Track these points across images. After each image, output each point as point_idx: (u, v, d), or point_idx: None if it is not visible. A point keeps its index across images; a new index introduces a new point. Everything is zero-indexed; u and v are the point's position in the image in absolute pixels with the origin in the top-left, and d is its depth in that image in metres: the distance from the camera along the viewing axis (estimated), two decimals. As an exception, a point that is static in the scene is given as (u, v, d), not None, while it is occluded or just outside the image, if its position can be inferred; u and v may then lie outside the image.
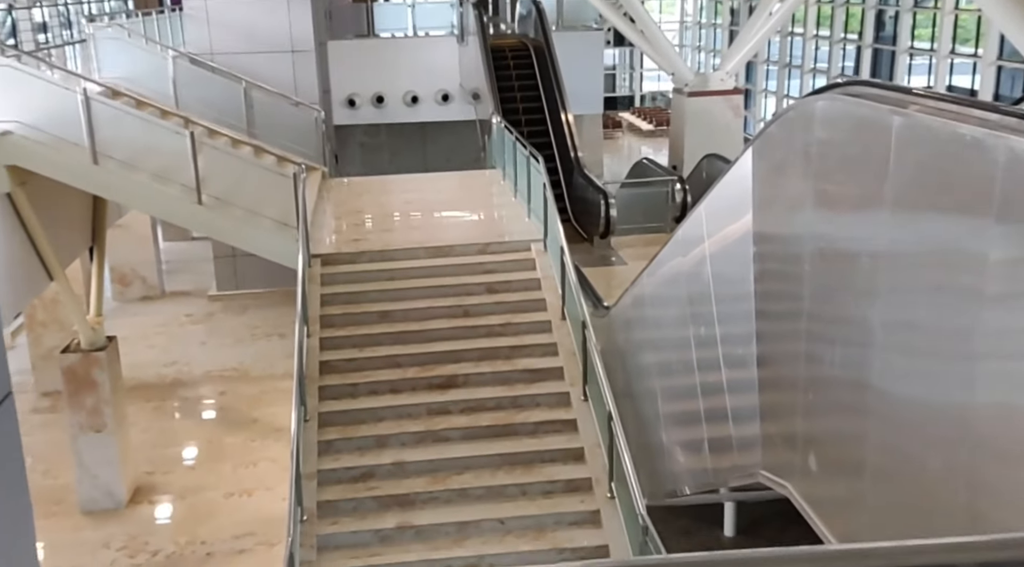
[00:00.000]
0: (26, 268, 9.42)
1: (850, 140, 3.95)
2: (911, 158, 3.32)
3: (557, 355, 8.61)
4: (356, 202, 12.42)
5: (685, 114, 17.65)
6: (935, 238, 3.22)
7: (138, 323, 17.90)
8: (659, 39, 16.98)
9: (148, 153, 9.14)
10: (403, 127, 23.02)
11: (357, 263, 9.75)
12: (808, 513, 4.33)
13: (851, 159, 3.91)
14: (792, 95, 30.53)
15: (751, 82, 34.76)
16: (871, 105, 3.63)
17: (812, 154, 4.32)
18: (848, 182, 3.99)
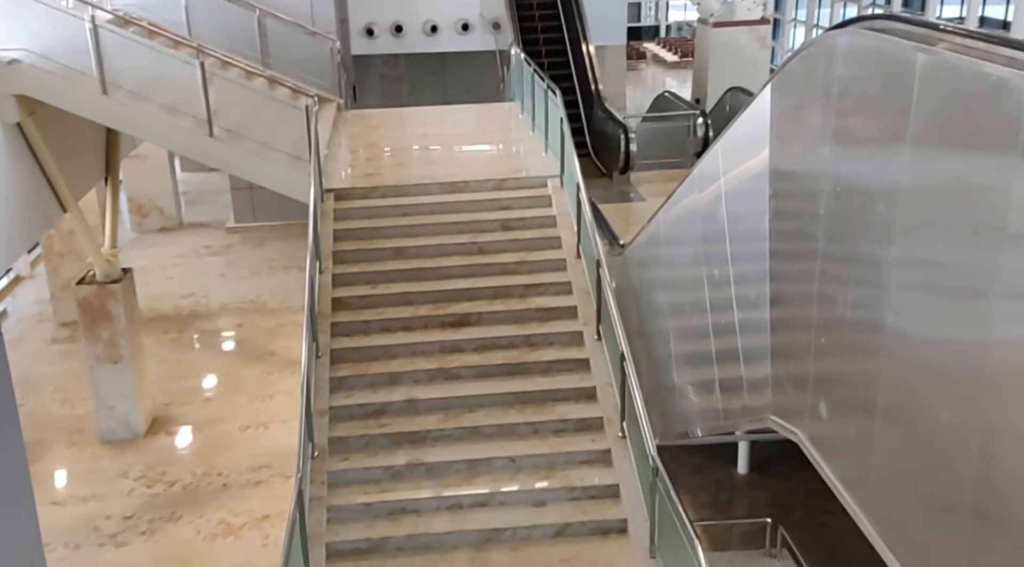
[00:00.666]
0: (39, 200, 9.36)
1: (872, 77, 3.76)
2: (935, 97, 3.14)
3: (571, 294, 8.51)
4: (371, 135, 12.22)
5: (710, 45, 17.14)
6: (956, 177, 3.06)
7: (156, 254, 17.94)
8: (685, -33, 16.38)
9: (159, 84, 8.97)
10: (423, 58, 22.57)
11: (371, 198, 9.62)
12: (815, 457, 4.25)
13: (873, 96, 3.72)
14: (822, 26, 29.68)
15: (780, 12, 33.79)
16: (895, 41, 3.43)
17: (833, 90, 4.14)
18: (869, 120, 3.81)
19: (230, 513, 9.91)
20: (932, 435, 3.37)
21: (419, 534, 6.75)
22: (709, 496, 10.30)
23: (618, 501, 6.90)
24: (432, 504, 6.97)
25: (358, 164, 10.62)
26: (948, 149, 3.17)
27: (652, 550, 6.42)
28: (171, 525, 9.76)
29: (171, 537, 9.58)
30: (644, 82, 36.01)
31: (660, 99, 16.90)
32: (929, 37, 3.24)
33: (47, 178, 9.37)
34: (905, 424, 3.51)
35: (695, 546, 5.32)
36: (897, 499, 3.50)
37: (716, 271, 5.81)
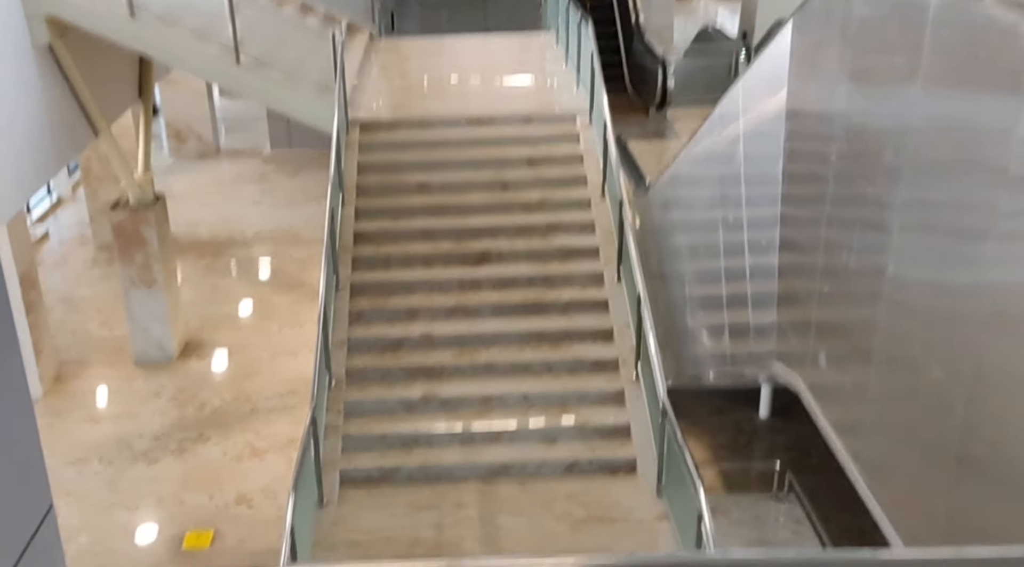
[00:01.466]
0: (70, 123, 9.45)
1: (888, 17, 3.61)
2: (947, 39, 3.02)
3: (594, 234, 8.44)
4: (402, 66, 12.08)
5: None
6: (963, 120, 2.95)
7: (193, 180, 18.12)
8: None
9: (187, 8, 8.92)
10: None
11: (396, 130, 9.57)
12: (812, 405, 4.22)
13: (888, 37, 3.58)
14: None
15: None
16: None
17: (851, 30, 3.99)
18: (883, 61, 3.68)
19: (256, 436, 10.19)
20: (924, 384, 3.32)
21: (430, 465, 6.88)
22: (728, 438, 10.32)
23: (628, 441, 6.94)
24: (444, 437, 7.08)
25: (386, 95, 10.54)
26: (958, 91, 3.06)
27: (659, 489, 6.48)
28: (199, 445, 10.07)
29: (199, 457, 9.90)
30: (695, 13, 34.99)
31: (703, 33, 16.43)
32: None
33: (78, 101, 9.44)
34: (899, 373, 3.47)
35: (697, 487, 5.36)
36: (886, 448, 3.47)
37: (731, 214, 5.72)
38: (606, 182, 8.55)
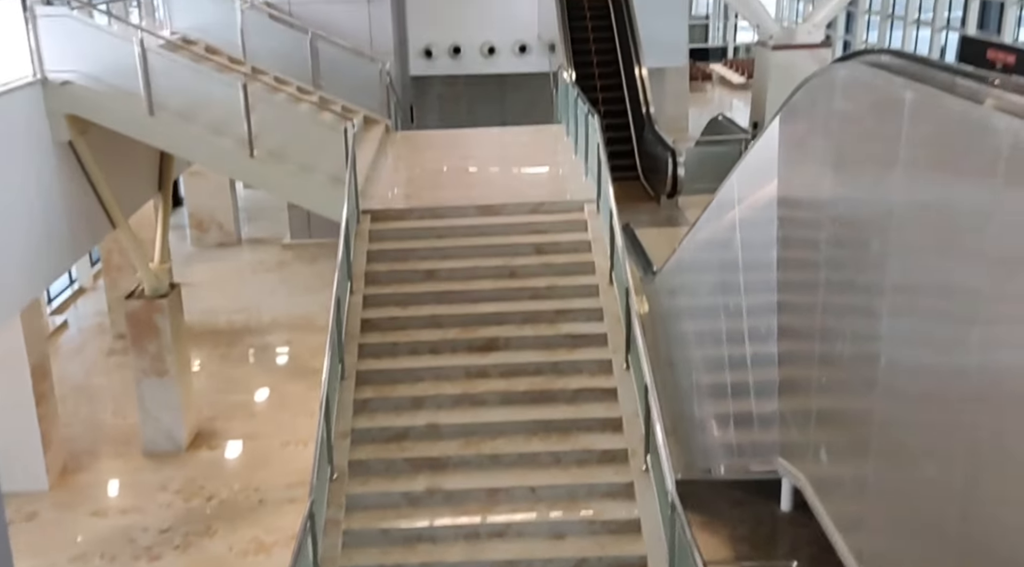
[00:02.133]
0: (87, 215, 9.64)
1: (867, 111, 3.65)
2: (922, 133, 3.03)
3: (602, 321, 8.37)
4: (415, 157, 12.29)
5: (769, 68, 16.82)
6: (944, 213, 2.93)
7: (213, 269, 18.35)
8: (745, -13, 16.19)
9: (204, 105, 9.17)
10: (482, 78, 22.71)
11: (407, 220, 9.65)
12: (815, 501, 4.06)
13: (868, 130, 3.61)
14: (895, 47, 28.99)
15: (851, 33, 33.16)
16: (886, 76, 3.32)
17: (833, 122, 4.03)
18: (865, 153, 3.70)
19: (264, 530, 10.00)
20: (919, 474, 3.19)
21: (434, 563, 6.67)
22: (747, 531, 9.95)
23: (639, 537, 6.71)
24: (449, 532, 6.89)
25: (398, 185, 10.68)
26: (936, 179, 3.05)
27: (669, 589, 6.22)
28: (205, 539, 9.89)
29: (204, 552, 9.70)
30: (709, 103, 35.61)
31: (713, 122, 16.66)
32: (921, 73, 3.13)
33: (97, 194, 9.64)
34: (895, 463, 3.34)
35: (707, 588, 5.13)
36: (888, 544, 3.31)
37: (731, 301, 5.67)
38: (613, 269, 8.53)
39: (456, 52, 20.85)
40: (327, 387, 7.09)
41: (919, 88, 3.05)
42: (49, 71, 8.63)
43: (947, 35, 25.44)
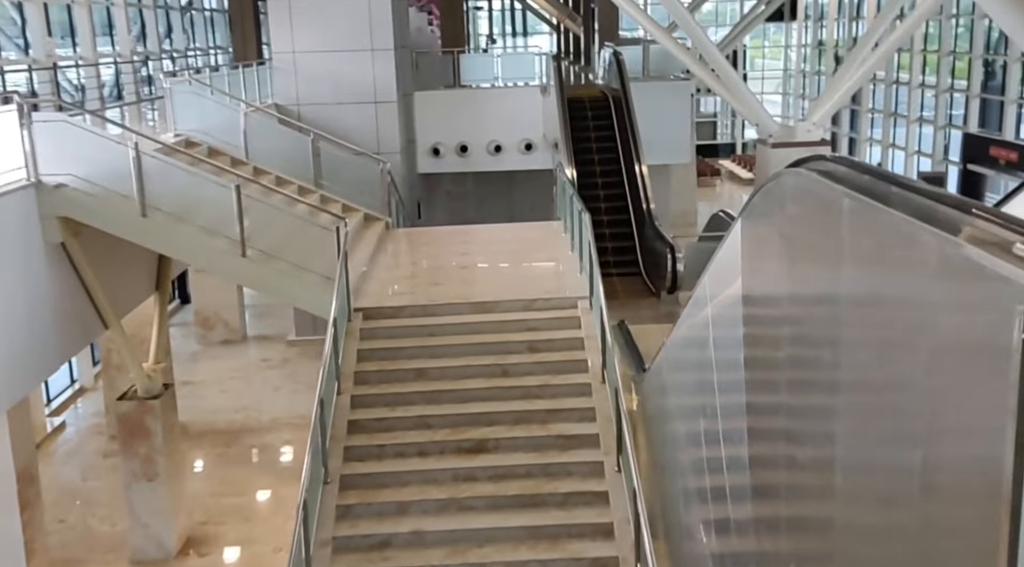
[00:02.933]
0: (79, 315, 9.60)
1: (811, 218, 3.62)
2: (861, 242, 2.98)
3: (594, 421, 8.13)
4: (413, 254, 12.29)
5: (770, 166, 16.90)
6: (887, 301, 2.85)
7: (217, 367, 18.26)
8: (741, 90, 16.38)
9: (198, 206, 9.24)
10: (490, 176, 23.03)
11: (399, 318, 9.55)
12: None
13: (813, 237, 3.58)
14: (899, 145, 29.30)
15: (855, 131, 33.60)
16: (827, 184, 3.29)
17: (785, 228, 4.00)
18: (811, 260, 3.63)
19: (248, 643, 9.58)
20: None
21: None
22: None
23: (630, 651, 6.34)
24: (431, 648, 6.53)
25: (392, 283, 10.64)
26: (876, 295, 2.98)
27: None
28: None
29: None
30: (718, 198, 35.91)
31: (715, 218, 16.64)
32: (862, 183, 3.09)
33: (89, 294, 9.63)
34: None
35: None
36: None
37: (708, 402, 5.49)
38: (605, 368, 8.34)
39: (463, 150, 21.18)
40: (306, 494, 6.84)
41: (856, 196, 3.04)
42: (43, 174, 8.75)
43: (949, 133, 25.68)
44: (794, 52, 41.67)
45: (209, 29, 24.99)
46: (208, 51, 24.15)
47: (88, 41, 16.26)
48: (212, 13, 25.59)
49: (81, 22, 16.25)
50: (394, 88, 18.73)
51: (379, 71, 18.56)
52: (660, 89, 21.06)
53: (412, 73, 21.03)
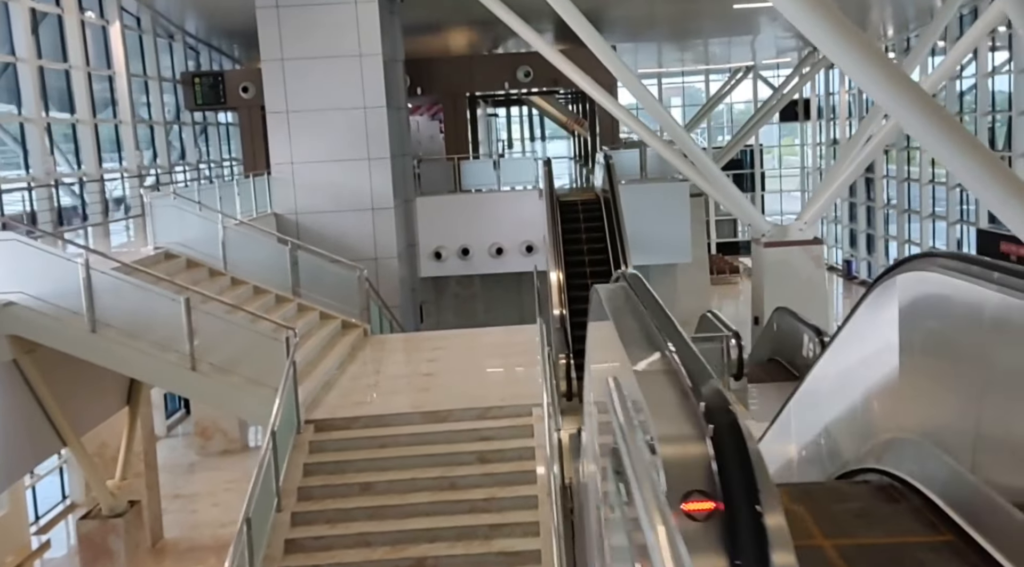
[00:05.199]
0: (34, 432, 9.56)
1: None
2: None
3: (538, 536, 7.79)
4: (382, 362, 12.18)
5: (764, 265, 16.77)
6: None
7: (212, 478, 17.99)
8: (730, 190, 16.45)
9: (149, 321, 9.27)
10: (498, 277, 23.07)
11: (351, 429, 9.37)
12: None
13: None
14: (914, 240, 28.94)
15: (872, 227, 33.37)
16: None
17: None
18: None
19: None
20: None
21: None
22: None
23: None
24: None
25: (350, 393, 10.48)
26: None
27: None
28: None
29: None
30: (737, 296, 35.50)
31: (704, 319, 16.41)
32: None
33: (45, 412, 9.60)
34: None
35: None
36: None
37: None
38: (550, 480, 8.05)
39: (465, 253, 21.29)
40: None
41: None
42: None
43: (962, 228, 25.34)
44: (810, 149, 41.90)
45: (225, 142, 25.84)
46: (222, 163, 24.90)
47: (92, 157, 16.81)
48: (228, 127, 26.47)
49: (85, 138, 16.87)
50: (390, 196, 19.02)
51: (376, 179, 18.91)
52: (658, 190, 21.15)
53: (414, 180, 21.42)
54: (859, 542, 3.49)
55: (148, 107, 20.45)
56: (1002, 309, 3.23)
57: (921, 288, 4.11)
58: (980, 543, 3.31)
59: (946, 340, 3.95)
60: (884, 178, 31.64)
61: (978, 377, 3.58)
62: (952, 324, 3.85)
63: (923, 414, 4.16)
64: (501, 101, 36.93)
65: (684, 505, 2.03)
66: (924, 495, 3.84)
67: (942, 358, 4.05)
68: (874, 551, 3.41)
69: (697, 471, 2.02)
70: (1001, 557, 3.16)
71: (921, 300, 4.17)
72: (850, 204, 35.62)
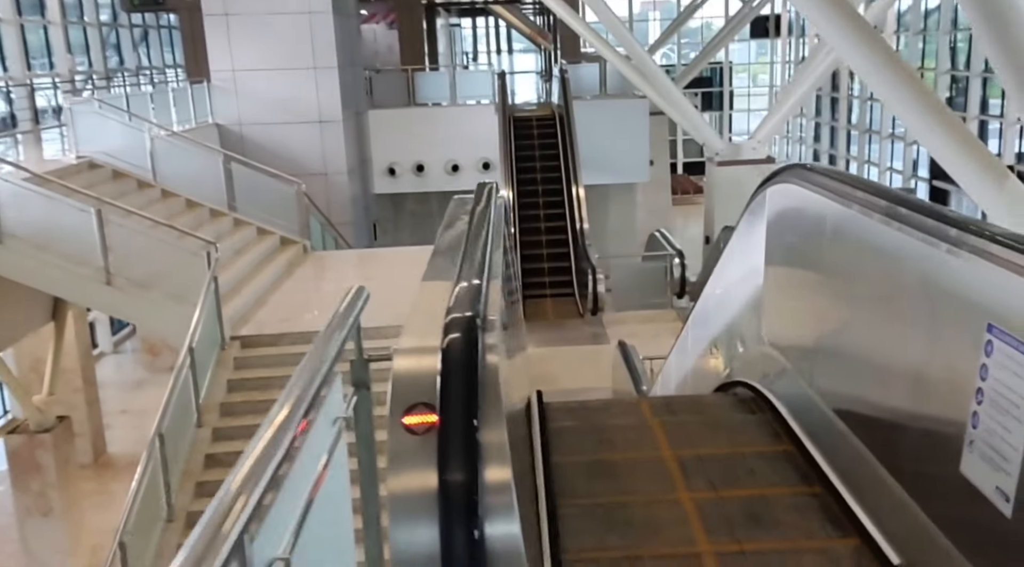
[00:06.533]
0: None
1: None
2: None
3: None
4: (318, 279, 11.89)
5: (716, 184, 16.53)
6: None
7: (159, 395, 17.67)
8: (685, 108, 16.06)
9: (60, 233, 8.85)
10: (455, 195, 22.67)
11: (277, 346, 9.12)
12: None
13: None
14: (873, 161, 28.86)
15: (834, 148, 33.18)
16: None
17: None
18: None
19: None
20: None
21: None
22: None
23: None
24: None
25: (280, 309, 10.20)
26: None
27: None
28: None
29: None
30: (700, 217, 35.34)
31: (651, 238, 16.23)
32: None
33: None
34: None
35: None
36: None
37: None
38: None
39: (420, 170, 20.81)
40: (124, 537, 6.42)
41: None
42: None
43: (918, 149, 25.23)
44: (779, 68, 41.30)
45: (168, 48, 24.76)
46: (164, 70, 23.90)
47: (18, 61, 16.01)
48: (172, 31, 25.35)
49: (9, 41, 16.01)
50: (339, 108, 18.40)
51: (323, 90, 18.24)
52: (616, 107, 20.65)
53: (365, 93, 20.74)
54: (699, 452, 3.47)
55: (80, 7, 19.42)
56: (844, 222, 3.15)
57: (783, 201, 4.02)
58: (812, 454, 3.32)
59: (800, 254, 3.93)
60: (848, 98, 31.33)
61: (821, 292, 3.59)
62: (803, 238, 3.82)
63: (778, 329, 4.15)
64: (466, 10, 35.79)
65: (404, 418, 1.92)
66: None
67: (795, 273, 4.04)
68: (711, 460, 3.40)
69: (423, 384, 1.85)
70: (827, 467, 3.19)
71: (782, 213, 4.11)
72: (816, 124, 35.36)
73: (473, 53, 42.35)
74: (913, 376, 2.51)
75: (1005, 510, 2.00)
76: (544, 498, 2.96)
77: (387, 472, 1.85)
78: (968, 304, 2.19)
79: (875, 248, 2.74)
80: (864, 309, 3.00)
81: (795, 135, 37.62)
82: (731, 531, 2.80)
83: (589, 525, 2.86)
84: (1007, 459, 1.98)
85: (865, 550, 2.65)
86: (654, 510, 2.95)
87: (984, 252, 2.09)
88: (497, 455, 1.84)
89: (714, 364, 5.19)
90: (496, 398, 1.95)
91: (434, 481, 1.77)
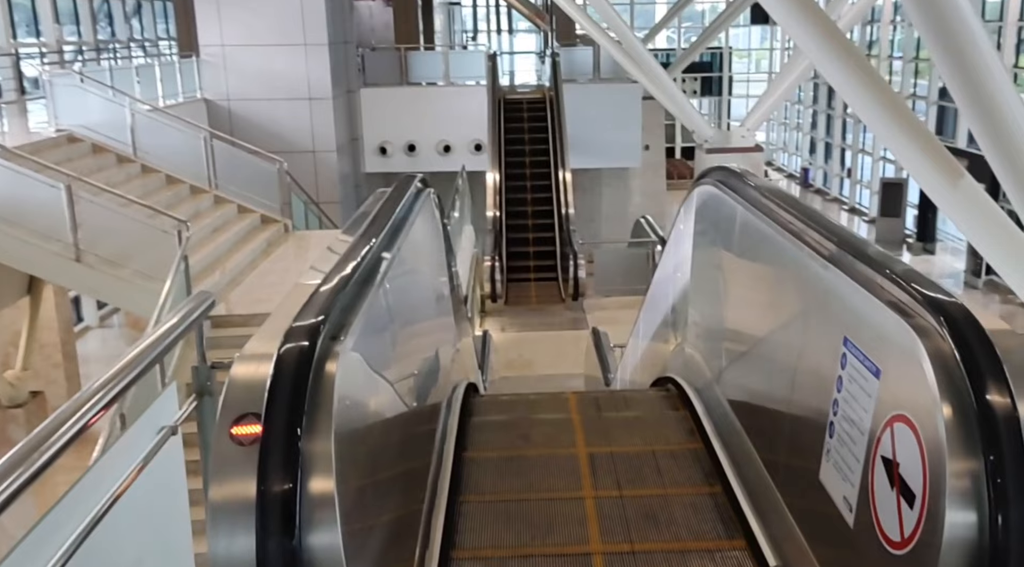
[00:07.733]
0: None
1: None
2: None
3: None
4: (298, 259, 11.87)
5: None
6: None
7: (143, 370, 17.84)
8: (675, 94, 15.93)
9: (27, 207, 8.82)
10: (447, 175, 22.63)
11: (248, 326, 9.09)
12: None
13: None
14: (867, 149, 28.74)
15: (830, 136, 33.04)
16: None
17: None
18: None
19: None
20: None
21: None
22: None
23: None
24: None
25: (255, 289, 10.20)
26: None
27: None
28: None
29: None
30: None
31: (637, 225, 16.18)
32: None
33: (-71, 300, 9.24)
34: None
35: None
36: None
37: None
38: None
39: (411, 149, 20.74)
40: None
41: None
42: None
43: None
44: (778, 54, 41.05)
45: (162, 20, 24.58)
46: (158, 43, 23.74)
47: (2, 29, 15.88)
48: (166, 3, 25.14)
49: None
50: (328, 85, 18.32)
51: (313, 66, 18.16)
52: (609, 91, 20.55)
53: (358, 70, 20.61)
54: (612, 450, 3.49)
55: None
56: (747, 227, 3.18)
57: (704, 201, 3.99)
58: (717, 452, 3.37)
59: (713, 254, 4.01)
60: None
61: (726, 292, 3.68)
62: (716, 239, 3.90)
63: (696, 326, 4.13)
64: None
65: (232, 428, 1.86)
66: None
67: (709, 271, 4.12)
68: (621, 458, 3.42)
69: (255, 394, 1.83)
70: (728, 466, 3.24)
71: (702, 214, 4.09)
72: (813, 112, 35.21)
73: (473, 32, 42.01)
74: (789, 383, 2.53)
75: (849, 520, 2.03)
76: (446, 494, 2.96)
77: (210, 482, 1.83)
78: (832, 317, 2.21)
79: (769, 255, 2.75)
80: (755, 313, 3.02)
81: (792, 122, 37.45)
82: (626, 531, 2.81)
83: (488, 522, 2.86)
84: (851, 469, 2.00)
85: (748, 552, 2.67)
86: (555, 508, 2.96)
87: (848, 268, 2.12)
88: (322, 465, 1.83)
89: (655, 356, 5.20)
90: (327, 404, 1.93)
91: (252, 492, 1.76)
